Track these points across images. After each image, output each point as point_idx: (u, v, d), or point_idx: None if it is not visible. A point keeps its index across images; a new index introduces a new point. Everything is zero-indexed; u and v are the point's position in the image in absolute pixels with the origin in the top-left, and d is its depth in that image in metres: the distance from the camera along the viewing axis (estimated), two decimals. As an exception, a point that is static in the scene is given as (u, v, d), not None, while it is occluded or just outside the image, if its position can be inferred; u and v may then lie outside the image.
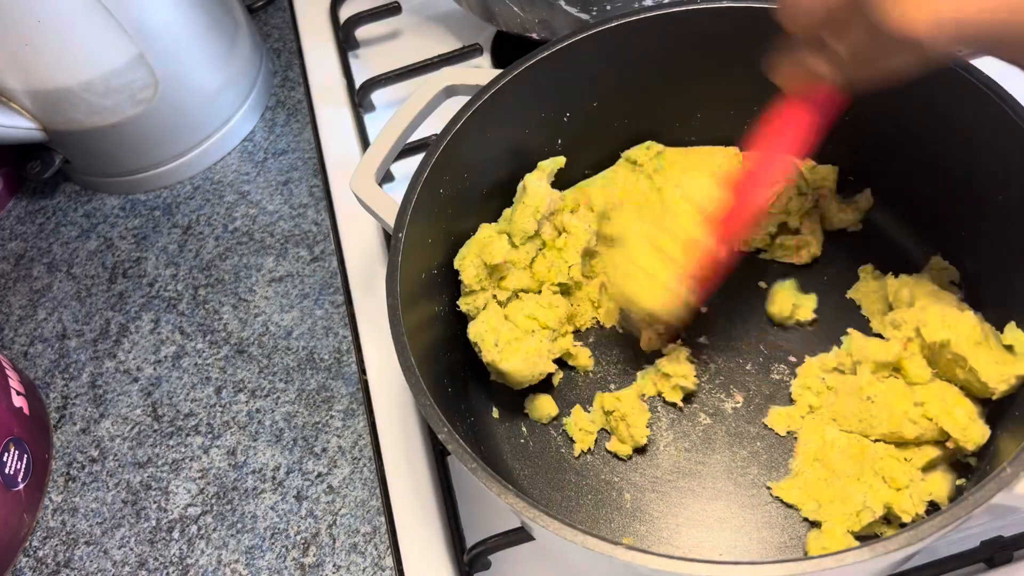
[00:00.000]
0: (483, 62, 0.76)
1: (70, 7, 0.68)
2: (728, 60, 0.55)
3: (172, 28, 0.74)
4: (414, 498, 0.56)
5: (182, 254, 0.76)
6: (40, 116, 0.75)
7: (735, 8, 0.53)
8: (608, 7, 0.64)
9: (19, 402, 0.64)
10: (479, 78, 0.55)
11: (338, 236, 0.69)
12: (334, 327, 0.69)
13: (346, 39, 0.80)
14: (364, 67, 0.79)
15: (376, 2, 0.80)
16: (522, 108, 0.55)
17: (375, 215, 0.54)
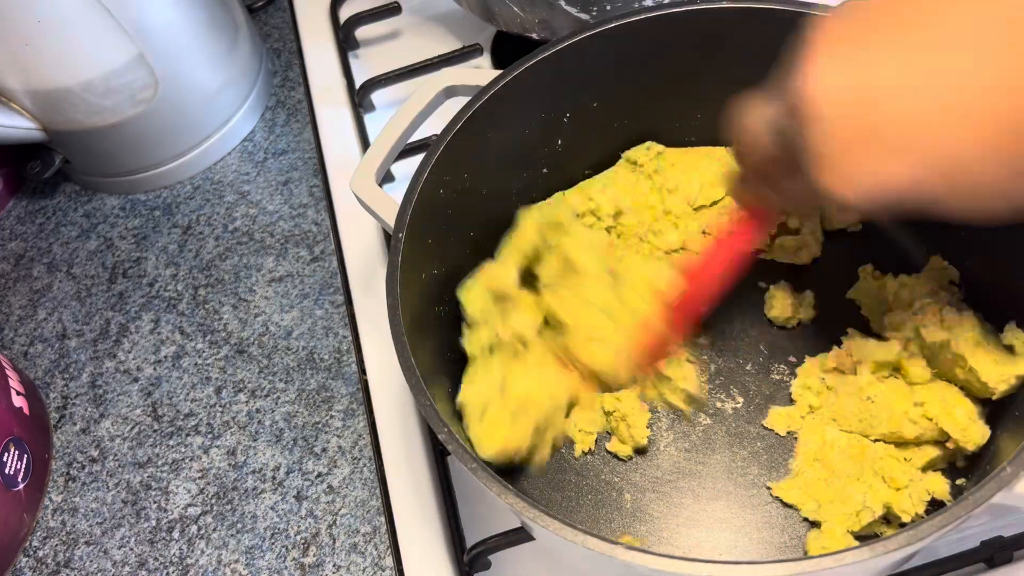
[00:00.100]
0: (483, 62, 0.76)
1: (70, 7, 0.68)
2: (728, 60, 0.55)
3: (172, 28, 0.74)
4: (414, 498, 0.56)
5: (182, 254, 0.76)
6: (40, 116, 0.75)
7: (735, 8, 0.53)
8: (608, 7, 0.64)
9: (19, 402, 0.64)
10: (479, 78, 0.55)
11: (338, 236, 0.69)
12: (334, 327, 0.69)
13: (346, 39, 0.80)
14: (364, 67, 0.79)
15: (376, 2, 0.80)
16: (522, 108, 0.55)
17: (375, 215, 0.54)
